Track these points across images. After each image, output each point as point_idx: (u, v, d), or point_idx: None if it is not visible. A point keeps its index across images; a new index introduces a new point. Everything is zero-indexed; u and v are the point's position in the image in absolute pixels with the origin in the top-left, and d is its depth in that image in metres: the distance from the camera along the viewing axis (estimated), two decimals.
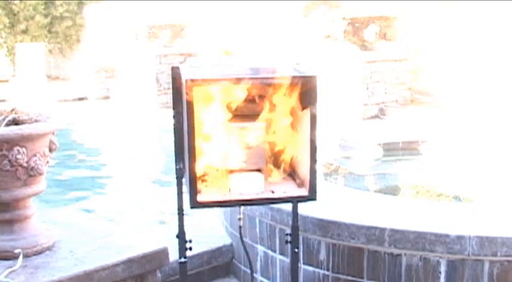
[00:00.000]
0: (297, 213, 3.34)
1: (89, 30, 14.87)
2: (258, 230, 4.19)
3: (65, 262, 3.36)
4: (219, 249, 4.55)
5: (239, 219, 3.32)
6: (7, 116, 3.37)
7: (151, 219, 5.25)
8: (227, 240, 4.62)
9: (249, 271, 3.52)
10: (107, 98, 13.01)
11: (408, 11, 9.93)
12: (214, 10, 12.06)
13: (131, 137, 9.99)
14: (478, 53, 8.67)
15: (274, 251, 4.08)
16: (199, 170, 3.04)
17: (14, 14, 14.91)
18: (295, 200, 3.23)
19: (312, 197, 3.08)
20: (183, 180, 3.17)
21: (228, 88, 3.06)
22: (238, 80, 2.96)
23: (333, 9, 10.18)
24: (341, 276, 3.75)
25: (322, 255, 3.80)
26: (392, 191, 5.66)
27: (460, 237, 3.41)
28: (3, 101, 11.33)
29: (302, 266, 3.88)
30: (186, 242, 3.24)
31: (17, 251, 3.33)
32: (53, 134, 3.44)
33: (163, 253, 3.61)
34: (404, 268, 3.56)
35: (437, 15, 9.46)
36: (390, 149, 6.62)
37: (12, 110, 3.45)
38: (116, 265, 3.39)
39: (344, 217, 3.73)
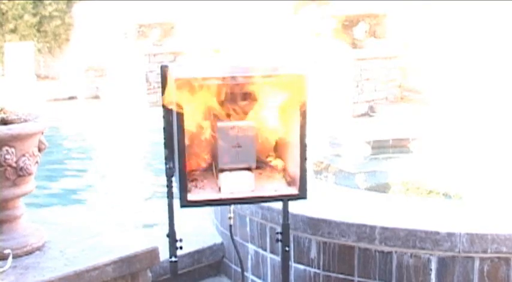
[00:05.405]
0: (288, 212, 3.34)
1: (78, 29, 14.81)
2: (248, 228, 4.19)
3: (55, 262, 3.35)
4: (209, 248, 4.55)
5: (229, 218, 3.31)
6: None
7: (142, 219, 5.23)
8: (218, 239, 4.61)
9: (239, 270, 3.51)
10: (96, 97, 12.98)
11: (397, 8, 9.95)
12: (203, 8, 12.03)
13: (121, 137, 9.96)
14: (467, 50, 8.69)
15: (265, 250, 4.08)
16: (189, 169, 3.04)
17: (3, 13, 14.83)
18: (285, 199, 3.23)
19: (302, 195, 3.07)
20: (173, 179, 3.16)
21: (217, 86, 3.05)
22: (228, 79, 2.95)
23: (322, 6, 10.18)
24: (332, 274, 3.75)
25: (313, 254, 3.80)
26: (383, 188, 5.66)
27: (450, 234, 3.42)
28: None
29: (293, 265, 3.88)
30: (176, 241, 3.23)
31: (6, 251, 3.30)
32: (42, 133, 3.43)
33: (153, 252, 3.60)
34: (395, 265, 3.56)
35: (426, 12, 9.48)
36: (380, 147, 6.62)
37: (1, 109, 3.43)
38: (106, 265, 3.38)
39: (334, 215, 3.73)
